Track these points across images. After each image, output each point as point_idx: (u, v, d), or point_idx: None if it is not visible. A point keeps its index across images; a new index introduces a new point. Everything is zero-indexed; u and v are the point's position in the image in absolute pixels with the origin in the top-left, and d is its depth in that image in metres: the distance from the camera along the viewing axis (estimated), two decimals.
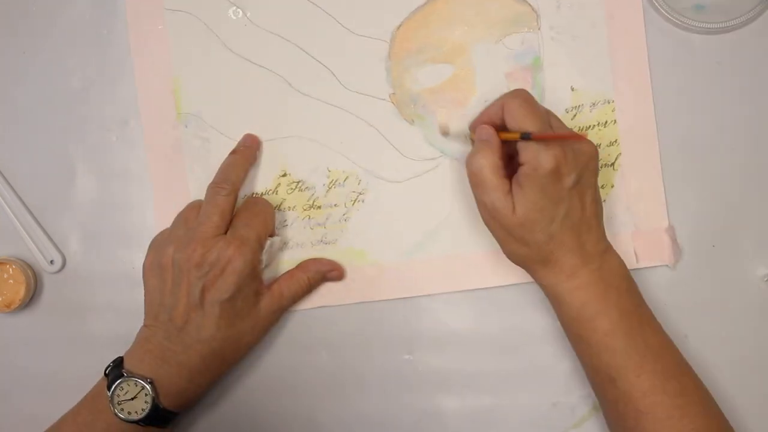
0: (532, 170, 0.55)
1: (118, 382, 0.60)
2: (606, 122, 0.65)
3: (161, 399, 0.60)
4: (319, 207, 0.67)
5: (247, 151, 0.66)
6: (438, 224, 0.66)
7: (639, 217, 0.65)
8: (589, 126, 0.65)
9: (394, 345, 0.67)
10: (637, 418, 0.56)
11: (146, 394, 0.60)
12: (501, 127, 0.59)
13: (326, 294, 0.67)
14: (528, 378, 0.66)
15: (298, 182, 0.67)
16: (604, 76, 0.65)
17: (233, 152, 0.66)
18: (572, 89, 0.65)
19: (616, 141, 0.65)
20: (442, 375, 0.66)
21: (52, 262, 0.68)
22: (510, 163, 0.59)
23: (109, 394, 0.60)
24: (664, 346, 0.58)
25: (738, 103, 0.64)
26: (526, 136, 0.56)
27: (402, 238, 0.66)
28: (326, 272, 0.66)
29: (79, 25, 0.69)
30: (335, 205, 0.67)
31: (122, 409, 0.60)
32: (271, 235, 0.65)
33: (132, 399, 0.60)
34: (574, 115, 0.65)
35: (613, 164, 0.65)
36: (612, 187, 0.65)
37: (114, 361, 0.62)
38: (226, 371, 0.64)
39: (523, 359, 0.66)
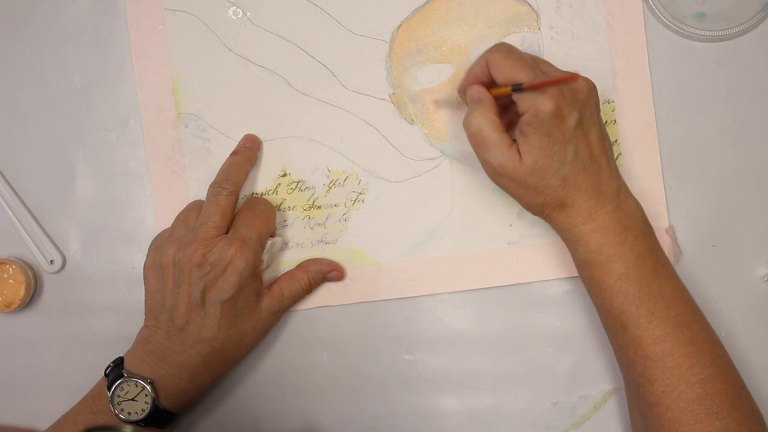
0: (533, 117, 0.55)
1: (118, 382, 0.60)
2: (606, 122, 0.65)
3: (161, 399, 0.60)
4: (319, 207, 0.67)
5: (248, 152, 0.66)
6: (438, 224, 0.66)
7: None
8: None
9: (394, 345, 0.67)
10: (645, 365, 0.56)
11: (146, 395, 0.59)
12: (490, 84, 0.58)
13: (326, 294, 0.67)
14: (528, 378, 0.66)
15: (298, 182, 0.67)
16: (604, 76, 0.65)
17: (234, 153, 0.66)
18: None
19: (616, 141, 0.65)
20: (442, 375, 0.66)
21: (52, 262, 0.68)
22: (505, 116, 0.58)
23: (110, 394, 0.60)
24: (677, 293, 0.57)
25: (738, 103, 0.65)
26: (517, 88, 0.55)
27: (402, 238, 0.66)
28: (326, 272, 0.66)
29: (79, 25, 0.69)
30: (335, 205, 0.67)
31: (122, 410, 0.60)
32: (272, 236, 0.65)
33: (132, 399, 0.60)
34: None
35: None
36: None
37: (114, 362, 0.62)
38: (226, 372, 0.64)
39: (523, 359, 0.66)
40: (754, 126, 0.65)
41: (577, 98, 0.56)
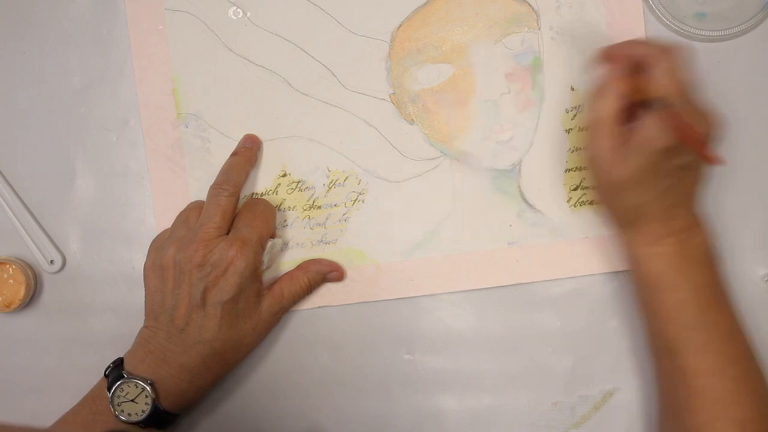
0: (646, 143, 0.54)
1: (118, 383, 0.60)
2: None
3: (161, 400, 0.60)
4: (319, 207, 0.67)
5: (248, 152, 0.66)
6: (438, 224, 0.66)
7: None
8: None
9: (394, 345, 0.67)
10: (688, 395, 0.55)
11: (146, 396, 0.59)
12: (632, 67, 0.56)
13: (326, 294, 0.67)
14: (528, 378, 0.66)
15: (298, 182, 0.67)
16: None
17: (234, 153, 0.66)
18: (572, 89, 0.65)
19: None
20: (442, 375, 0.66)
21: (52, 262, 0.68)
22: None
23: (110, 395, 0.60)
24: (732, 328, 0.57)
25: (738, 103, 0.64)
26: (660, 105, 0.53)
27: (402, 238, 0.66)
28: (326, 273, 0.66)
29: (79, 25, 0.68)
30: (335, 205, 0.67)
31: (122, 411, 0.60)
32: (273, 237, 0.65)
33: (132, 400, 0.60)
34: (574, 116, 0.65)
35: None
36: None
37: (114, 362, 0.62)
38: (226, 372, 0.64)
39: (523, 359, 0.66)
40: (754, 126, 0.65)
41: None
